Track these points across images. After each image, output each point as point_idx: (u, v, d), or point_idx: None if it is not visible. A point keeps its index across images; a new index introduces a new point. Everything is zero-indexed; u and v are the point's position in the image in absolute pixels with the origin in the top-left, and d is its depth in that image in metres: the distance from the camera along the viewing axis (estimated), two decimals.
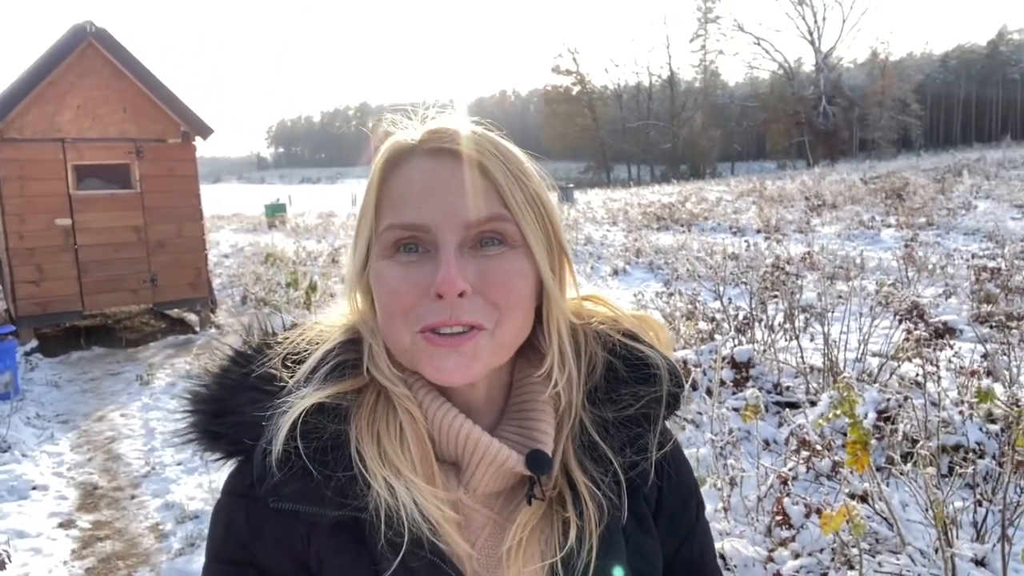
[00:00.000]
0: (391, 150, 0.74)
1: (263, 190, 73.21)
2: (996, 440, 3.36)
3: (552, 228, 0.75)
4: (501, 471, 0.73)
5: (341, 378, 0.74)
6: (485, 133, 0.74)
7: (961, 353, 4.57)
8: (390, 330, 0.72)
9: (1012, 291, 6.73)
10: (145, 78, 8.46)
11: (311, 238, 19.35)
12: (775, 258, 7.93)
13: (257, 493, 0.70)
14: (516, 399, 0.79)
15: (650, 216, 17.53)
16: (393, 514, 0.68)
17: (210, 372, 0.79)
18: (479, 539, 0.74)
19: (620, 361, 0.80)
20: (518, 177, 0.72)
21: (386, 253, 0.72)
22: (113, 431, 5.65)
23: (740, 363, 4.68)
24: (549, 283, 0.74)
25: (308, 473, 0.69)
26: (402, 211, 0.71)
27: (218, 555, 0.75)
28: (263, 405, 0.73)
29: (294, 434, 0.69)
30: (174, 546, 3.80)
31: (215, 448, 0.76)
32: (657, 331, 0.85)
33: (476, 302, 0.69)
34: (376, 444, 0.72)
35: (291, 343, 0.78)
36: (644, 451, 0.78)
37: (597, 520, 0.73)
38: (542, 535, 0.74)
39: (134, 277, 8.59)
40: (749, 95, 67.72)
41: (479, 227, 0.70)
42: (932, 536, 2.77)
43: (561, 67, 65.31)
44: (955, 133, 73.79)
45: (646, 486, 0.79)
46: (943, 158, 30.46)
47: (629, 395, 0.79)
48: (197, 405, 0.77)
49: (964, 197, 15.40)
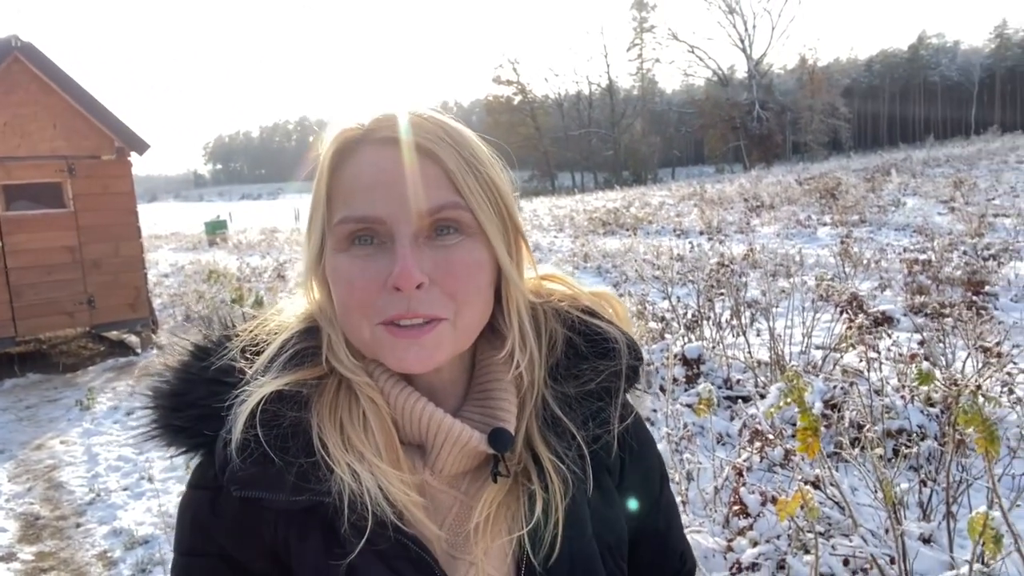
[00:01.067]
0: (339, 140, 0.73)
1: (202, 208, 71.53)
2: (936, 422, 3.50)
3: (507, 211, 0.76)
4: (465, 451, 0.74)
5: (300, 366, 0.74)
6: (435, 118, 0.74)
7: (899, 341, 4.75)
8: (349, 323, 0.72)
9: (942, 282, 7.02)
10: (76, 93, 8.19)
11: (255, 254, 18.97)
12: (720, 257, 8.11)
13: (220, 483, 0.70)
14: (479, 380, 0.79)
15: (596, 221, 17.73)
16: (357, 499, 0.68)
17: (170, 367, 0.78)
18: (447, 519, 0.75)
19: (580, 337, 0.81)
20: (471, 163, 0.72)
21: (341, 246, 0.71)
22: (53, 459, 5.42)
23: (691, 360, 4.77)
24: (507, 268, 0.75)
25: (269, 460, 0.69)
26: (354, 204, 0.70)
27: (185, 548, 0.75)
28: (223, 396, 0.72)
29: (253, 422, 0.69)
30: (124, 573, 3.67)
31: (176, 442, 0.75)
32: (615, 306, 0.87)
33: (433, 293, 0.69)
34: (339, 431, 0.72)
35: (250, 334, 0.78)
36: (606, 424, 0.79)
37: (563, 493, 0.74)
38: (508, 511, 0.75)
39: (70, 299, 8.28)
40: (686, 102, 69.20)
41: (433, 216, 0.70)
42: (882, 517, 2.86)
43: (502, 77, 65.69)
44: (882, 134, 76.80)
45: (609, 458, 0.81)
46: (871, 158, 31.64)
47: (590, 370, 0.80)
48: (158, 400, 0.76)
49: (893, 195, 16.01)
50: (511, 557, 0.74)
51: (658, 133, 67.92)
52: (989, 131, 39.66)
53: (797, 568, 2.77)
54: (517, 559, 0.74)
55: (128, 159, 8.64)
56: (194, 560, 0.73)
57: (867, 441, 2.94)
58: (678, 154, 76.29)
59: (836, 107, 57.96)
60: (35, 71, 7.96)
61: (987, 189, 15.66)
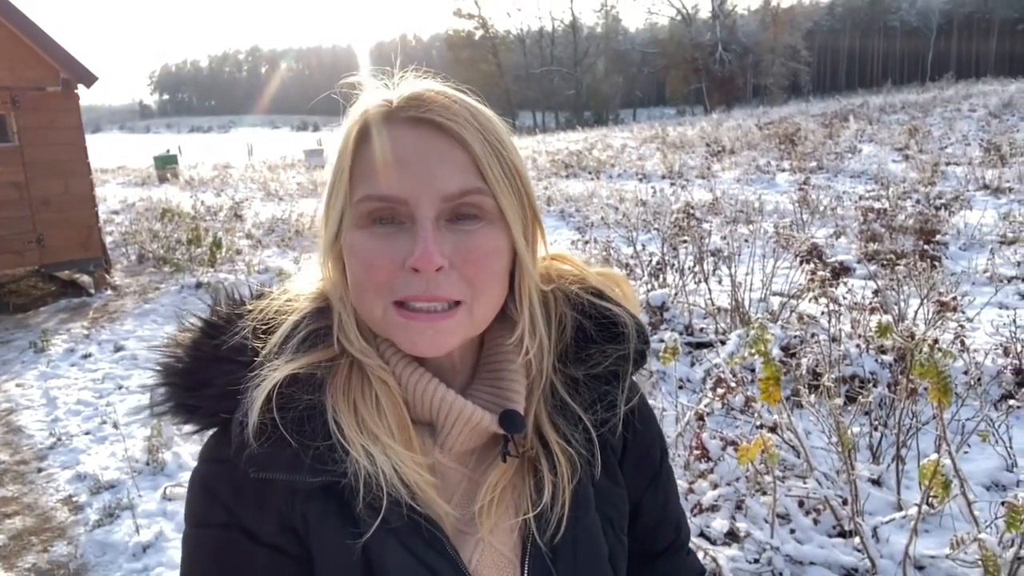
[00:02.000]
0: (366, 116, 0.72)
1: (149, 140, 69.05)
2: (889, 370, 3.65)
3: (527, 198, 0.76)
4: (475, 431, 0.75)
5: (313, 348, 0.74)
6: (462, 100, 0.73)
7: (854, 290, 4.90)
8: (362, 301, 0.72)
9: (896, 230, 7.21)
10: (18, 20, 7.72)
11: (208, 191, 18.47)
12: (685, 204, 8.18)
13: (237, 462, 0.70)
14: (487, 360, 0.80)
15: (558, 164, 17.64)
16: (372, 479, 0.69)
17: (181, 344, 0.77)
18: (455, 496, 0.77)
19: (589, 321, 0.82)
20: (496, 148, 0.72)
21: (360, 224, 0.71)
22: (10, 402, 5.32)
23: (655, 307, 4.86)
24: (523, 254, 0.75)
25: (286, 443, 0.70)
26: (378, 182, 0.70)
27: (201, 520, 0.75)
28: (237, 376, 0.73)
29: (269, 406, 0.70)
30: (91, 518, 3.66)
31: (191, 420, 0.75)
32: (623, 287, 0.88)
33: (452, 277, 0.70)
34: (353, 412, 0.73)
35: (261, 312, 0.78)
36: (613, 407, 0.81)
37: (569, 475, 0.77)
38: (515, 490, 0.77)
39: (18, 238, 7.98)
40: (649, 41, 68.55)
41: (457, 201, 0.70)
42: (835, 461, 3.01)
43: (463, 11, 63.91)
44: (840, 79, 77.31)
45: (614, 437, 0.83)
46: (830, 104, 31.88)
47: (598, 354, 0.81)
48: (170, 378, 0.75)
49: (850, 142, 16.24)
50: (517, 534, 0.76)
51: (621, 73, 67.29)
52: (944, 78, 40.19)
53: (755, 509, 2.91)
54: (523, 536, 0.76)
55: (75, 92, 8.25)
56: (210, 531, 0.73)
57: (824, 388, 3.06)
58: (640, 95, 75.83)
59: (797, 50, 58.00)
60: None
61: (940, 137, 15.99)
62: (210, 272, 8.91)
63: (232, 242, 10.40)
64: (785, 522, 2.85)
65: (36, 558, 3.38)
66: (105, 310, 7.82)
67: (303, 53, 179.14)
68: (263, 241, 10.85)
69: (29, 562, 3.36)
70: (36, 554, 3.42)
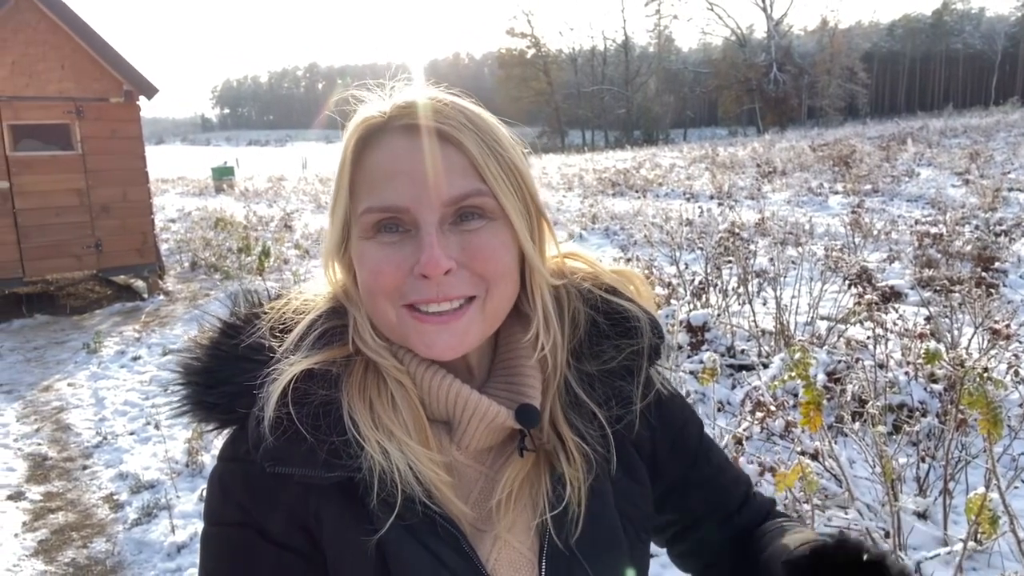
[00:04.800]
0: (362, 128, 0.74)
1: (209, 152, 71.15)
2: (939, 399, 3.50)
3: (529, 195, 0.76)
4: (492, 427, 0.75)
5: (329, 345, 0.75)
6: (456, 104, 0.73)
7: (905, 316, 4.73)
8: (375, 308, 0.73)
9: (953, 256, 6.97)
10: (85, 33, 8.07)
11: (261, 202, 18.94)
12: (730, 224, 8.06)
13: (253, 458, 0.71)
14: (503, 357, 0.80)
15: (605, 182, 17.60)
16: (387, 476, 0.69)
17: (200, 344, 0.78)
18: (472, 493, 0.76)
19: (602, 316, 0.82)
20: (493, 148, 0.72)
21: (367, 234, 0.72)
22: (61, 401, 5.49)
23: (696, 327, 4.77)
24: (530, 252, 0.75)
25: (302, 438, 0.70)
26: (379, 193, 0.71)
27: (218, 519, 0.75)
28: (254, 374, 0.73)
29: (286, 400, 0.70)
30: (130, 516, 3.74)
31: (209, 419, 0.76)
32: (637, 284, 0.87)
33: (462, 276, 0.70)
34: (369, 409, 0.73)
35: (278, 312, 0.79)
36: (629, 403, 0.80)
37: (586, 472, 0.76)
38: (532, 488, 0.77)
39: (77, 242, 8.29)
40: (702, 61, 68.14)
41: (458, 204, 0.70)
42: (878, 491, 2.89)
43: (516, 30, 64.58)
44: (900, 101, 75.57)
45: (631, 434, 0.82)
46: (888, 126, 31.17)
47: (611, 349, 0.81)
48: (189, 377, 0.76)
49: (908, 164, 15.82)
50: (535, 531, 0.76)
51: (672, 92, 66.96)
52: (1009, 102, 38.96)
53: None
54: (541, 534, 0.75)
55: (136, 103, 8.56)
56: (226, 530, 0.74)
57: (869, 416, 2.95)
58: (691, 115, 75.28)
59: (855, 72, 56.95)
60: (44, 9, 7.84)
61: (1003, 162, 15.45)
62: (258, 280, 9.09)
63: (280, 252, 10.62)
64: None
65: (75, 553, 3.46)
66: (156, 314, 8.04)
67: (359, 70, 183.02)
68: (311, 251, 11.05)
69: (69, 557, 3.44)
70: (76, 549, 3.50)
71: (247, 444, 0.72)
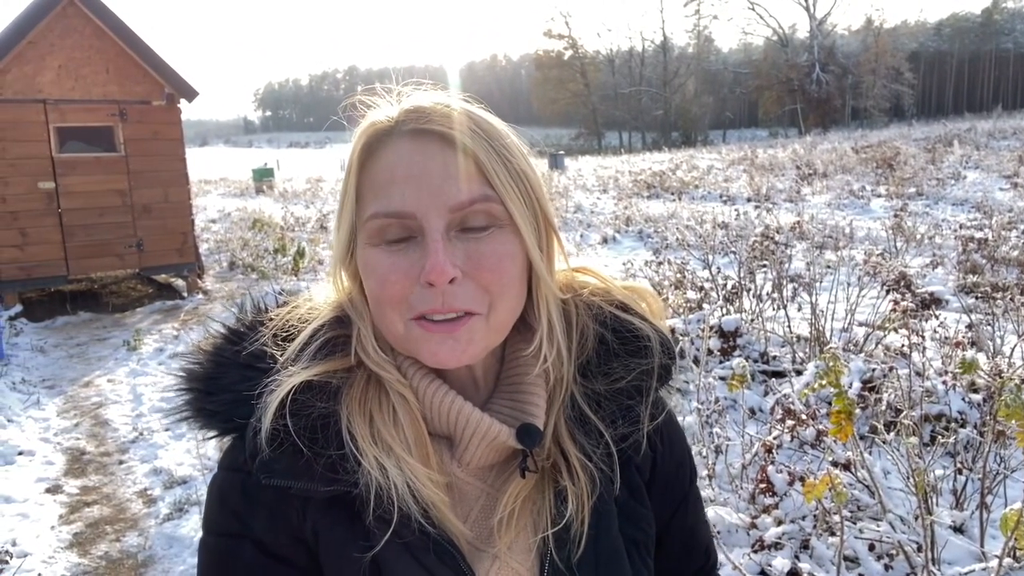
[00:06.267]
0: (368, 133, 0.72)
1: (250, 154, 72.45)
2: (978, 410, 3.40)
3: (539, 203, 0.74)
4: (493, 445, 0.74)
5: (330, 356, 0.74)
6: (465, 109, 0.72)
7: (946, 323, 4.60)
8: (382, 318, 0.72)
9: (998, 262, 6.76)
10: (128, 38, 8.28)
11: (299, 203, 19.21)
12: (764, 227, 7.93)
13: (251, 469, 0.70)
14: (508, 374, 0.79)
15: (641, 184, 17.48)
16: (383, 492, 0.68)
17: (203, 350, 0.78)
18: (472, 511, 0.75)
19: (612, 334, 0.80)
20: (501, 154, 0.71)
21: (372, 241, 0.71)
22: (100, 397, 5.63)
23: (728, 332, 4.70)
24: (537, 262, 0.74)
25: (299, 450, 0.69)
26: (385, 199, 0.69)
27: (214, 528, 0.75)
28: (254, 383, 0.73)
29: (283, 412, 0.69)
30: (162, 511, 3.81)
31: (209, 426, 0.75)
32: (649, 301, 0.85)
33: (467, 287, 0.69)
34: (368, 424, 0.72)
35: (282, 320, 0.78)
36: (636, 423, 0.78)
37: (589, 491, 0.74)
38: (534, 506, 0.75)
39: (120, 242, 8.50)
40: (742, 62, 67.29)
41: (465, 210, 0.69)
42: (912, 504, 2.81)
43: (553, 31, 64.53)
44: (947, 102, 73.64)
45: (638, 456, 0.80)
46: (934, 127, 30.41)
47: (621, 368, 0.79)
48: (191, 383, 0.76)
49: (954, 167, 15.41)
50: (535, 552, 0.74)
51: (711, 94, 66.27)
52: None
53: (821, 550, 2.75)
54: (541, 554, 0.74)
55: (178, 106, 8.75)
56: (224, 540, 0.74)
57: (902, 426, 2.87)
58: (731, 116, 74.42)
59: (900, 72, 55.69)
60: (90, 15, 8.06)
61: None
62: (293, 280, 9.22)
63: (315, 252, 10.75)
64: (854, 566, 2.68)
65: (108, 547, 3.54)
66: (195, 313, 8.20)
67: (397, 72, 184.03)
68: None
69: (102, 550, 3.51)
70: (109, 543, 3.57)
71: (245, 454, 0.71)
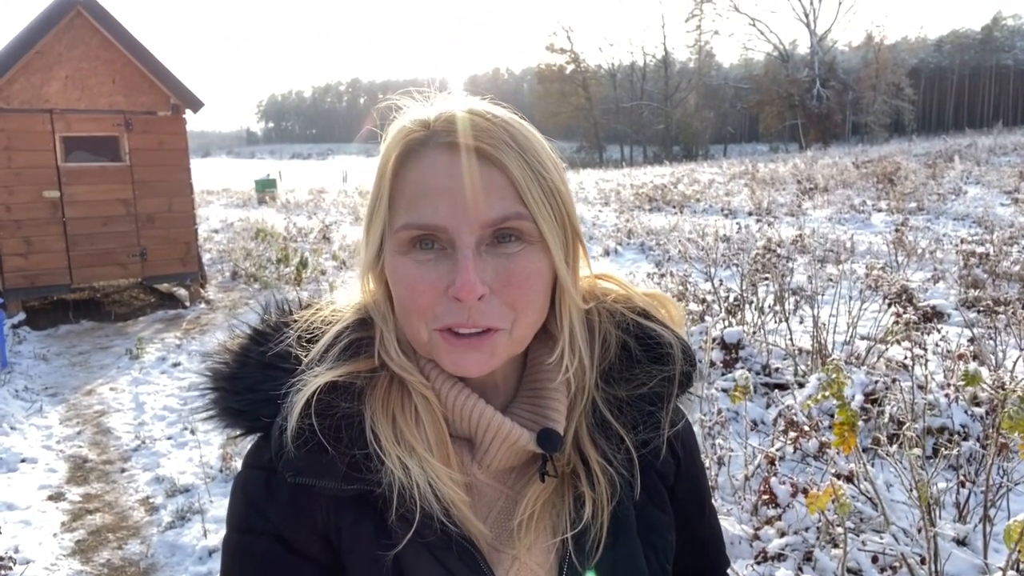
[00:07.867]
0: (405, 142, 0.72)
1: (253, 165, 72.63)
2: (980, 423, 3.40)
3: (569, 218, 0.75)
4: (514, 449, 0.75)
5: (354, 357, 0.75)
6: (501, 120, 0.72)
7: (948, 337, 4.61)
8: (408, 324, 0.73)
9: (999, 276, 6.78)
10: (135, 49, 8.34)
11: (301, 214, 19.24)
12: (766, 241, 7.95)
13: (276, 467, 0.72)
14: (529, 378, 0.80)
15: (642, 197, 17.51)
16: (406, 492, 0.70)
17: (230, 350, 0.79)
18: (492, 513, 0.76)
19: (634, 340, 0.81)
20: (536, 170, 0.71)
21: (402, 249, 0.71)
22: (102, 405, 5.64)
23: (730, 344, 4.71)
24: (563, 276, 0.74)
25: (323, 449, 0.70)
26: (418, 210, 0.70)
27: (239, 525, 0.76)
28: (279, 383, 0.74)
29: (308, 411, 0.71)
30: (164, 519, 3.81)
31: (235, 425, 0.77)
32: (670, 308, 0.86)
33: (493, 304, 0.70)
34: (391, 424, 0.73)
35: (306, 321, 0.79)
36: (657, 429, 0.79)
37: (609, 496, 0.75)
38: (553, 509, 0.76)
39: (123, 251, 8.53)
40: (743, 77, 67.50)
41: (496, 226, 0.69)
42: (915, 516, 2.81)
43: (555, 45, 64.80)
44: (947, 118, 73.89)
45: (658, 462, 0.81)
46: (935, 143, 30.47)
47: (642, 374, 0.80)
48: (217, 383, 0.78)
49: (955, 183, 15.44)
50: (554, 554, 0.75)
51: (712, 108, 66.50)
52: None
53: (824, 562, 2.75)
54: (560, 556, 0.75)
55: (183, 116, 8.80)
56: (247, 537, 0.75)
57: (905, 438, 2.87)
58: (732, 131, 74.68)
59: (901, 88, 55.86)
60: (96, 26, 8.12)
61: None
62: (295, 290, 9.23)
63: (318, 263, 10.77)
64: None
65: (111, 554, 3.54)
66: (197, 322, 8.21)
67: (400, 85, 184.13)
68: (347, 263, 11.18)
69: (104, 557, 3.51)
70: (111, 550, 3.57)
71: (270, 452, 0.73)
